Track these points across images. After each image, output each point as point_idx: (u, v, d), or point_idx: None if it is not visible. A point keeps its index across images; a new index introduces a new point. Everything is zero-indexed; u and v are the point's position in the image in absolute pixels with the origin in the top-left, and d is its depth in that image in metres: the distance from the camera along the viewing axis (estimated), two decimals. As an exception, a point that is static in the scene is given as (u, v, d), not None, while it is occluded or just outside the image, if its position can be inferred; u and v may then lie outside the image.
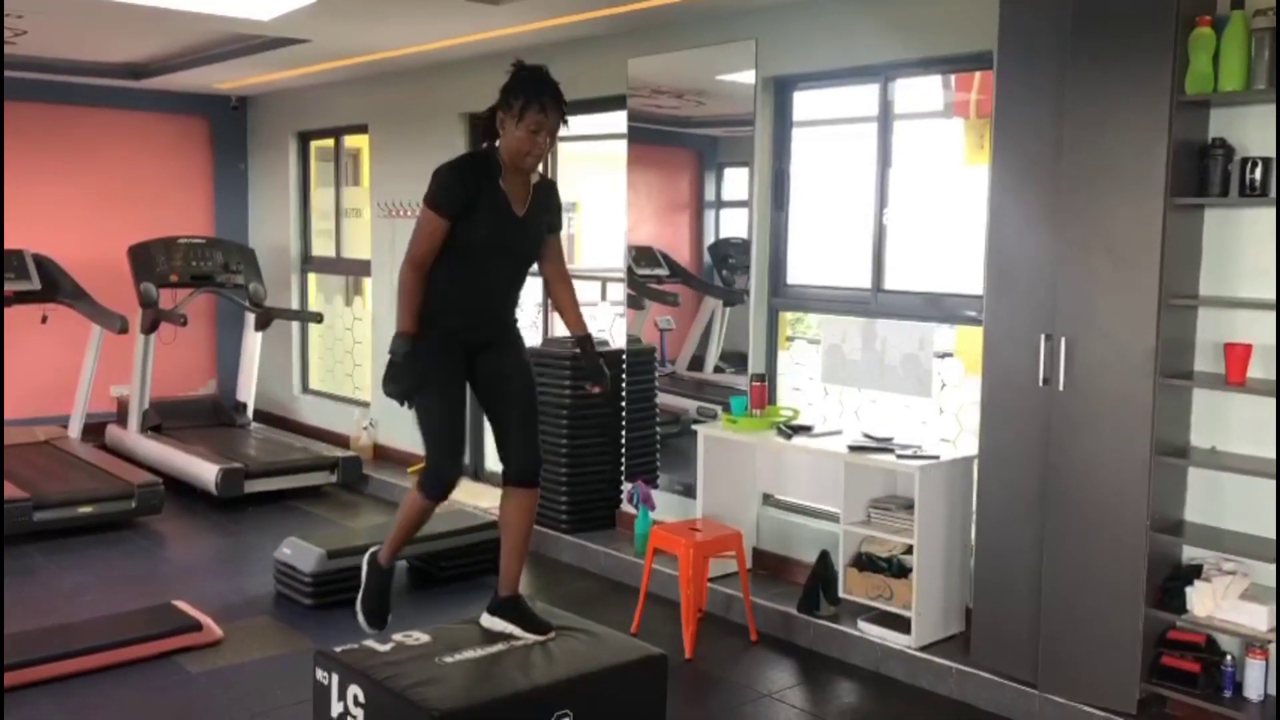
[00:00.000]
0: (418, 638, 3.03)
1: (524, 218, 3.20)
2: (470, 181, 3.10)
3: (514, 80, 3.17)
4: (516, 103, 3.09)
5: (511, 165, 3.15)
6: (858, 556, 4.55)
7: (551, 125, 3.12)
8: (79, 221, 8.12)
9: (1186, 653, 3.64)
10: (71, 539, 5.94)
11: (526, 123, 3.08)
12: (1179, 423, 3.76)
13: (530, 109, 3.08)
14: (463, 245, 3.10)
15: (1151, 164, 3.53)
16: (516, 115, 3.09)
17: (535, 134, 3.10)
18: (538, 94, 3.10)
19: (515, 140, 3.10)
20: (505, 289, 3.31)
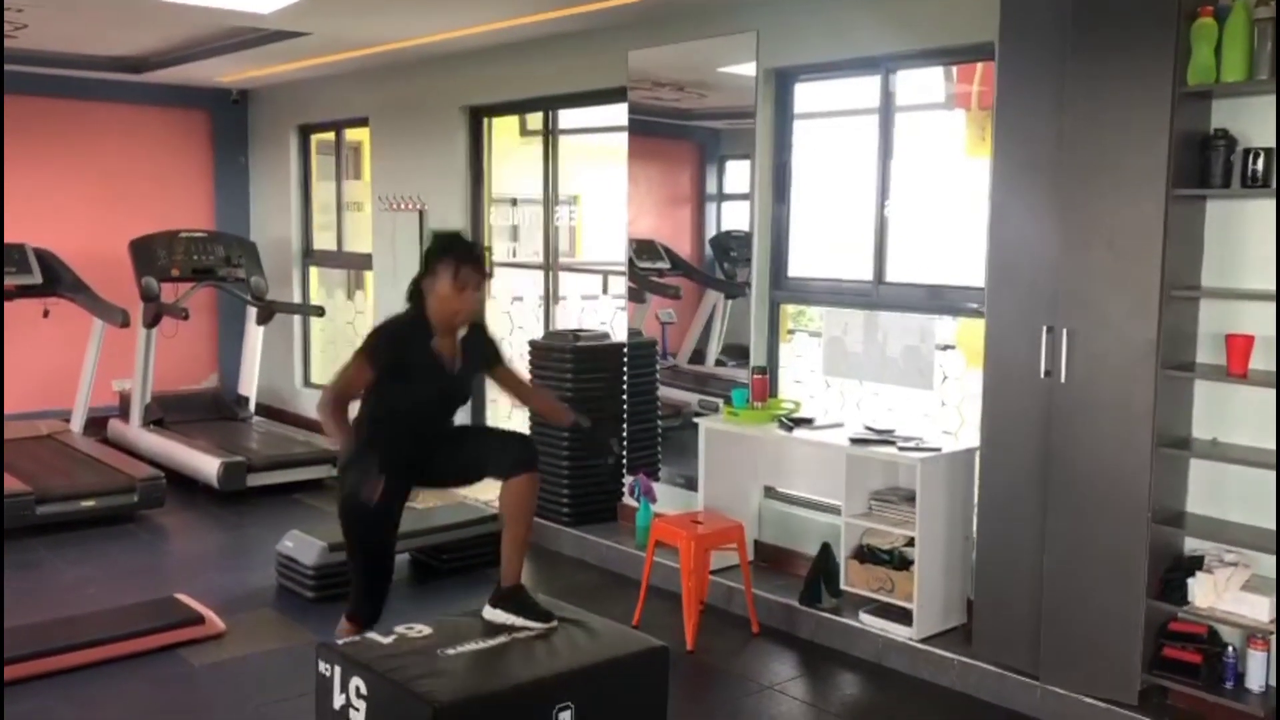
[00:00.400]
0: (420, 630, 3.03)
1: (455, 374, 3.40)
2: (402, 342, 3.31)
3: (437, 245, 3.36)
4: (442, 267, 3.27)
5: (443, 327, 3.33)
6: (859, 549, 4.55)
7: (477, 280, 3.31)
8: (80, 215, 8.12)
9: (1188, 644, 3.64)
10: (74, 532, 5.95)
11: (454, 281, 3.26)
12: (1181, 414, 3.76)
13: (460, 269, 3.26)
14: (401, 402, 3.32)
15: (1153, 155, 3.52)
16: (445, 278, 3.26)
17: (463, 291, 3.28)
18: (463, 257, 3.29)
19: (443, 302, 3.29)
20: (438, 425, 3.51)
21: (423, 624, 3.09)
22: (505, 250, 7.17)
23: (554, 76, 6.31)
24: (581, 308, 6.76)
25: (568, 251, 6.98)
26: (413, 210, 7.25)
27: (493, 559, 5.48)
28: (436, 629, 3.05)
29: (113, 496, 6.17)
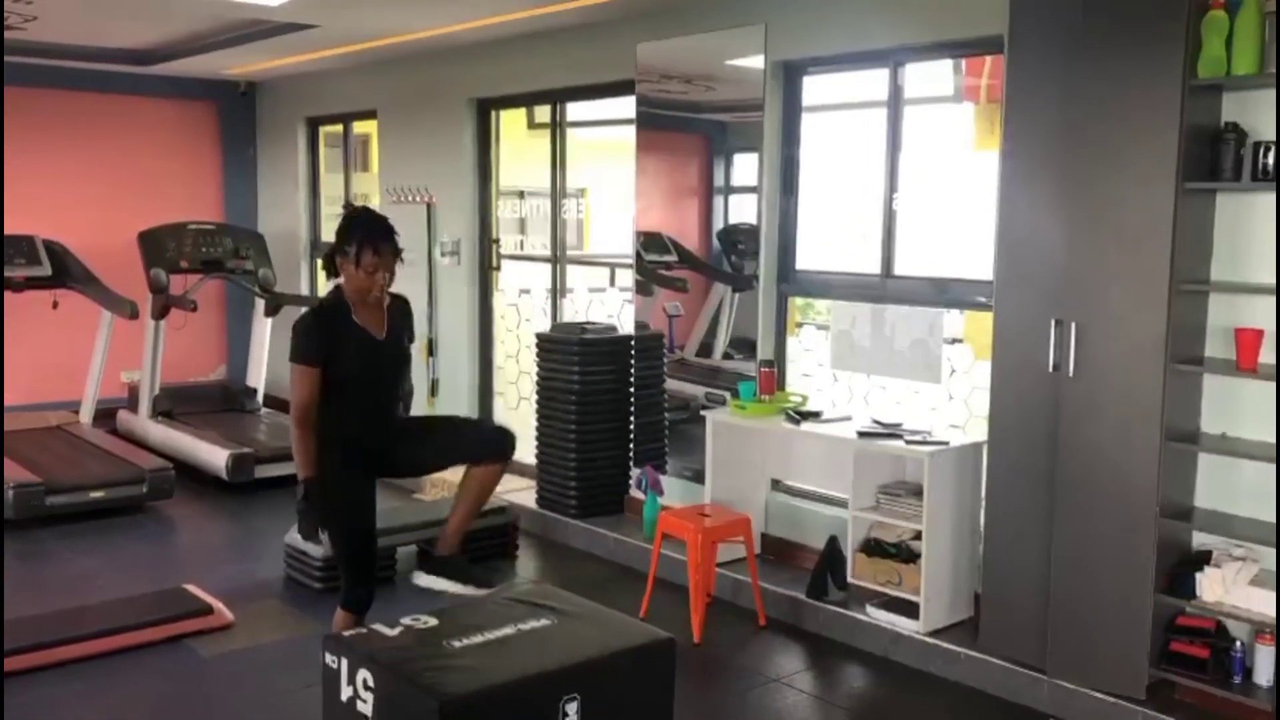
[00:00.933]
0: (426, 621, 3.04)
1: (385, 340, 3.46)
2: (324, 328, 3.37)
3: (346, 224, 3.38)
4: (351, 248, 3.31)
5: (359, 301, 3.39)
6: (866, 542, 4.55)
7: (388, 264, 3.33)
8: (89, 207, 8.13)
9: (1196, 638, 3.64)
10: (83, 523, 5.97)
11: (364, 265, 3.29)
12: (1189, 408, 3.74)
13: (365, 252, 3.29)
14: (340, 382, 3.37)
15: (1163, 148, 3.50)
16: (354, 259, 3.31)
17: (373, 274, 3.31)
18: (370, 236, 3.31)
19: (356, 280, 3.34)
20: (387, 401, 3.57)
21: (429, 615, 3.09)
22: (513, 243, 7.17)
23: (562, 69, 6.31)
24: (589, 301, 6.76)
25: (575, 244, 6.97)
26: (421, 203, 7.25)
27: (499, 550, 5.55)
28: (442, 620, 3.05)
29: (122, 487, 6.20)
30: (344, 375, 3.37)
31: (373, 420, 3.51)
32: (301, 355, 3.35)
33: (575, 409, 5.81)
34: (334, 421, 3.40)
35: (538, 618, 3.07)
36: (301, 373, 3.35)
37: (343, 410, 3.40)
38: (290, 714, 3.82)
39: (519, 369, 7.08)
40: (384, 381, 3.52)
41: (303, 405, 3.36)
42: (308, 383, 3.35)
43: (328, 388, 3.37)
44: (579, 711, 2.77)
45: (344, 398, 3.39)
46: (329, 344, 3.35)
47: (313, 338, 3.36)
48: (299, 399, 3.36)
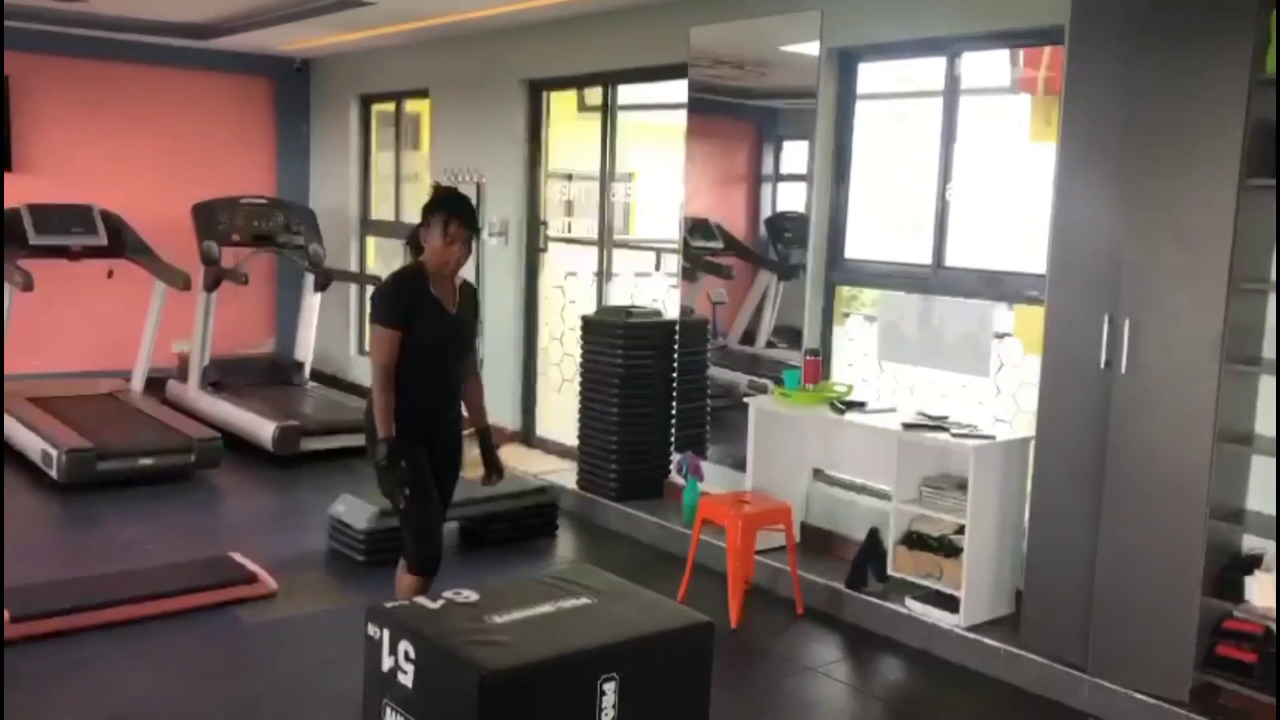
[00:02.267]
0: (467, 596, 3.07)
1: (456, 315, 3.66)
2: (404, 294, 3.59)
3: (433, 198, 3.63)
4: (436, 218, 3.55)
5: (436, 273, 3.60)
6: (908, 535, 4.52)
7: (465, 237, 3.55)
8: (145, 179, 8.25)
9: (1243, 642, 3.58)
10: (133, 489, 6.08)
11: (443, 234, 3.53)
12: (1244, 409, 3.68)
13: (448, 225, 3.53)
14: (412, 349, 3.55)
15: (1226, 144, 3.44)
16: (437, 231, 3.54)
17: (451, 245, 3.54)
18: (455, 210, 3.56)
19: (436, 252, 3.56)
20: (451, 380, 3.75)
21: (470, 590, 3.12)
22: (560, 225, 7.19)
23: (615, 51, 6.30)
24: (634, 285, 6.76)
25: (622, 228, 6.97)
26: (470, 183, 7.29)
27: (540, 530, 5.58)
28: (483, 595, 3.08)
29: (171, 455, 6.30)
30: (416, 343, 3.53)
31: (436, 402, 3.69)
32: (383, 317, 3.54)
33: (618, 392, 5.82)
34: (404, 391, 3.55)
35: (578, 596, 3.09)
36: (383, 334, 3.53)
37: (411, 382, 3.56)
38: (331, 682, 3.87)
39: (563, 351, 7.10)
40: (449, 357, 3.67)
41: (385, 366, 3.52)
42: (389, 344, 3.52)
43: (401, 356, 3.53)
44: (617, 691, 2.79)
45: (413, 369, 3.55)
46: (409, 308, 3.54)
47: (395, 301, 3.57)
48: (381, 360, 3.53)
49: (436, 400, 3.69)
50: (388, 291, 3.63)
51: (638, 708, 2.83)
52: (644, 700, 2.86)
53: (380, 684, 2.92)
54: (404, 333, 3.53)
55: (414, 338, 3.54)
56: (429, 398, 3.65)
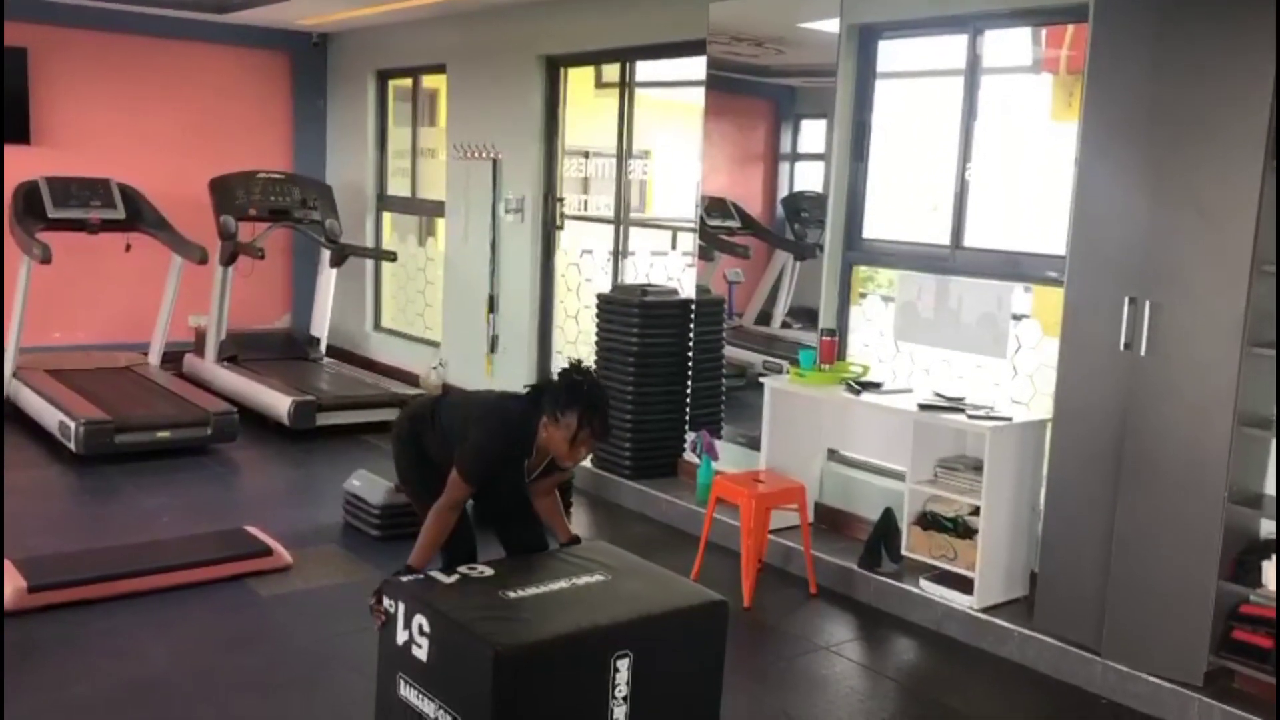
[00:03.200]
0: (482, 571, 3.07)
1: (530, 480, 3.31)
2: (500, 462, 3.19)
3: (570, 388, 3.09)
4: (568, 419, 3.04)
5: (541, 456, 3.20)
6: (922, 515, 4.51)
7: (591, 445, 3.14)
8: (163, 153, 8.27)
9: (1259, 627, 3.56)
10: (150, 462, 6.12)
11: (574, 438, 3.06)
12: (1265, 394, 3.64)
13: (583, 430, 3.05)
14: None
15: (1252, 123, 3.40)
16: (567, 432, 3.05)
17: (578, 448, 3.10)
18: (594, 414, 3.05)
19: (556, 447, 3.11)
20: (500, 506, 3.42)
21: (485, 565, 3.13)
22: (576, 202, 7.17)
23: (632, 27, 6.26)
24: (650, 263, 6.74)
25: (638, 207, 6.96)
26: (486, 159, 7.27)
27: (561, 505, 5.57)
28: (498, 571, 3.09)
29: (187, 429, 6.33)
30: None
31: None
32: (473, 476, 3.13)
33: (633, 371, 5.82)
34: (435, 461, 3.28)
35: (592, 573, 3.09)
36: (463, 489, 3.14)
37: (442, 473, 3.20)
38: (344, 655, 3.90)
39: (579, 329, 7.10)
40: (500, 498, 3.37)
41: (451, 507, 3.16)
42: (463, 496, 3.17)
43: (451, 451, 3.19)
44: (630, 668, 2.79)
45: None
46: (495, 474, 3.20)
47: (489, 464, 3.15)
48: (450, 501, 3.15)
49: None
50: (495, 451, 3.15)
51: (652, 685, 2.83)
52: (658, 678, 2.86)
53: (395, 657, 2.93)
54: None
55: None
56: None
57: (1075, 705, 3.81)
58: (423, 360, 8.00)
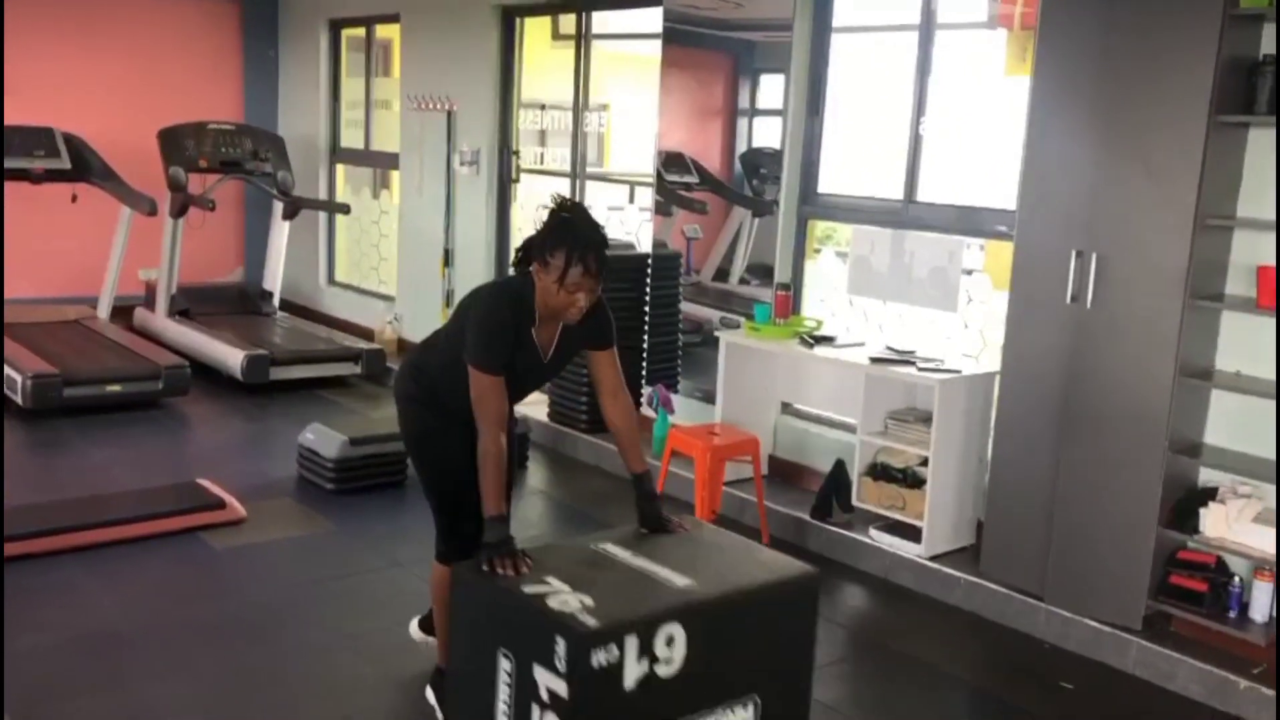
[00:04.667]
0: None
1: (549, 361, 2.96)
2: (510, 334, 2.82)
3: (555, 226, 2.78)
4: (556, 259, 2.72)
5: (546, 317, 2.86)
6: (873, 466, 4.58)
7: (593, 286, 2.76)
8: (109, 102, 8.09)
9: (1195, 572, 3.67)
10: (100, 416, 6.05)
11: (567, 281, 2.71)
12: (1206, 345, 3.73)
13: (571, 269, 2.70)
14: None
15: (1198, 79, 3.44)
16: (556, 274, 2.72)
17: (572, 295, 2.74)
18: (582, 251, 2.71)
19: (552, 298, 2.77)
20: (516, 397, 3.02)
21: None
22: (532, 155, 7.12)
23: (590, -22, 6.20)
24: (606, 218, 6.73)
25: (595, 161, 6.92)
26: (441, 110, 7.19)
27: (518, 460, 5.57)
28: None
29: (138, 382, 6.26)
30: None
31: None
32: (486, 362, 2.77)
33: (589, 325, 5.80)
34: (450, 394, 2.93)
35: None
36: (489, 383, 2.77)
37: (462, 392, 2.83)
38: (299, 606, 3.91)
39: (535, 283, 7.07)
40: (522, 391, 3.04)
41: (495, 421, 2.76)
42: (498, 393, 2.77)
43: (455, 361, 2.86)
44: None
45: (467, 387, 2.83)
46: (511, 352, 2.82)
47: (502, 341, 2.80)
48: (491, 413, 2.76)
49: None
50: (494, 325, 2.80)
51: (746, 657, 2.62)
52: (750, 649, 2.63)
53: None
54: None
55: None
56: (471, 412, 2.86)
57: (1019, 649, 3.91)
58: (377, 315, 7.95)
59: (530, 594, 2.49)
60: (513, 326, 2.82)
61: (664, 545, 2.84)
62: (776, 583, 2.76)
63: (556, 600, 2.46)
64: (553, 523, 5.08)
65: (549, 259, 2.74)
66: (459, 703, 2.73)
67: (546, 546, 2.94)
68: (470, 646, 2.67)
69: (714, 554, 2.85)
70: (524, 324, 2.84)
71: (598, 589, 2.52)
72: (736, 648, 2.62)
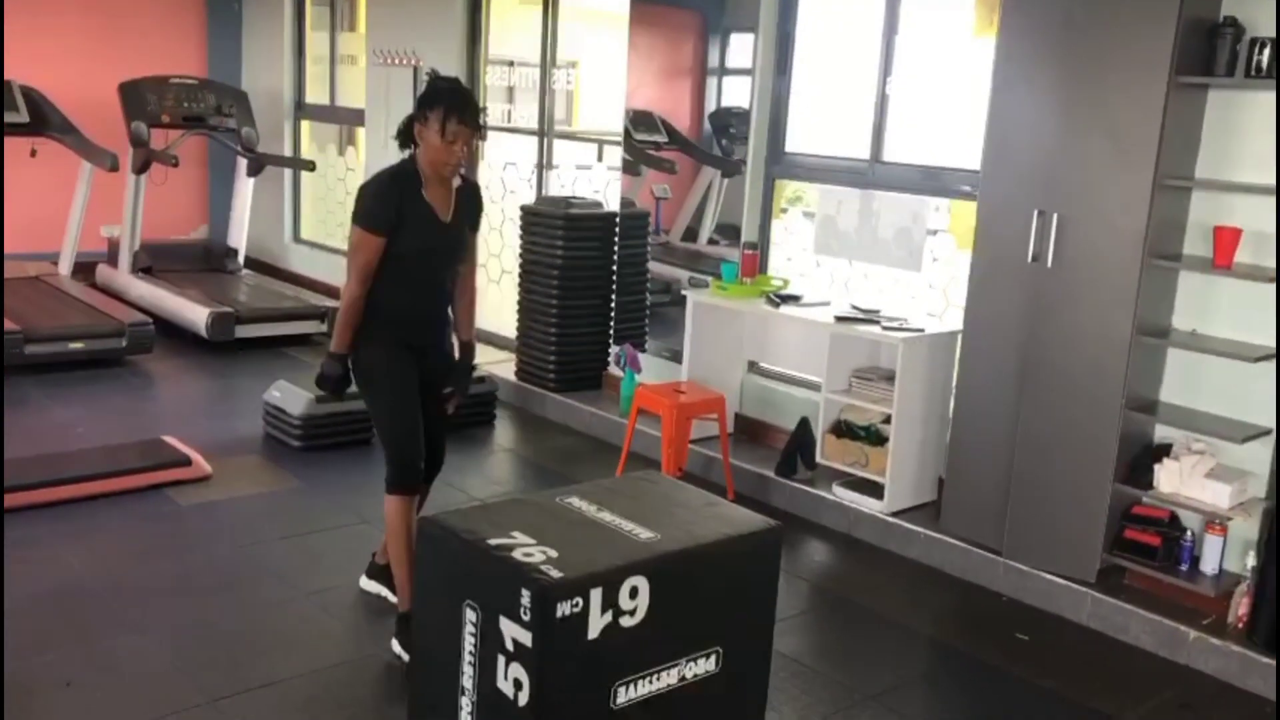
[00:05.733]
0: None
1: (449, 223, 3.32)
2: (393, 198, 3.22)
3: (431, 91, 3.24)
4: (433, 115, 3.17)
5: (433, 175, 3.25)
6: (837, 424, 4.64)
7: (467, 135, 3.19)
8: (68, 54, 7.92)
9: (1149, 527, 3.76)
10: (62, 373, 6.00)
11: (445, 135, 3.16)
12: (1163, 304, 3.80)
13: (448, 121, 3.16)
14: (396, 257, 3.25)
15: (1159, 40, 3.48)
16: (435, 128, 3.17)
17: (452, 144, 3.18)
18: (455, 105, 3.18)
19: (433, 151, 3.20)
20: (437, 290, 3.43)
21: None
22: (500, 112, 7.07)
23: (558, -67, 6.13)
24: (574, 177, 6.71)
25: (564, 119, 6.88)
26: (407, 66, 7.12)
27: (478, 419, 5.61)
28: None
29: (101, 340, 6.21)
30: (401, 251, 3.23)
31: (419, 313, 3.38)
32: (367, 220, 3.21)
33: (557, 284, 5.81)
34: (384, 299, 3.28)
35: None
36: (364, 238, 3.21)
37: (393, 297, 3.28)
38: (265, 562, 3.92)
39: (503, 242, 7.06)
40: (436, 267, 3.36)
41: (362, 272, 3.22)
42: (369, 250, 3.21)
43: (382, 263, 3.23)
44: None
45: (396, 277, 3.25)
46: (398, 212, 3.20)
47: (383, 202, 3.20)
48: (359, 265, 3.22)
49: (420, 312, 3.38)
50: (376, 190, 3.23)
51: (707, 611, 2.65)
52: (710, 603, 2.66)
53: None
54: (388, 239, 3.20)
55: (400, 247, 3.21)
56: (411, 309, 3.34)
57: (976, 601, 4.00)
58: (343, 273, 7.86)
59: (495, 546, 2.52)
60: (395, 190, 3.23)
61: (629, 499, 2.87)
62: (739, 536, 2.79)
63: (521, 552, 2.48)
64: (520, 480, 5.11)
65: (429, 116, 3.17)
66: (423, 654, 2.76)
67: (512, 500, 2.97)
68: (435, 599, 2.69)
69: (678, 508, 2.88)
70: (409, 187, 3.24)
71: (563, 542, 2.55)
72: (699, 600, 2.66)
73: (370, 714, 3.09)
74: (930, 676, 3.59)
